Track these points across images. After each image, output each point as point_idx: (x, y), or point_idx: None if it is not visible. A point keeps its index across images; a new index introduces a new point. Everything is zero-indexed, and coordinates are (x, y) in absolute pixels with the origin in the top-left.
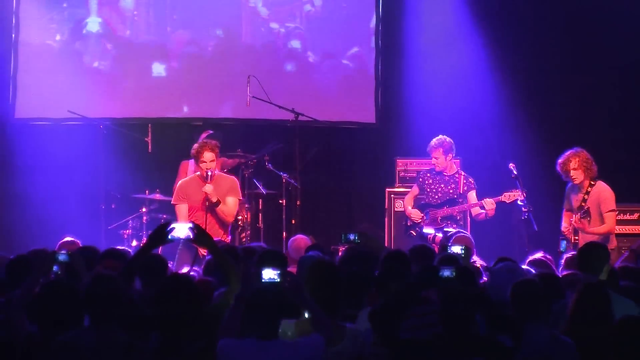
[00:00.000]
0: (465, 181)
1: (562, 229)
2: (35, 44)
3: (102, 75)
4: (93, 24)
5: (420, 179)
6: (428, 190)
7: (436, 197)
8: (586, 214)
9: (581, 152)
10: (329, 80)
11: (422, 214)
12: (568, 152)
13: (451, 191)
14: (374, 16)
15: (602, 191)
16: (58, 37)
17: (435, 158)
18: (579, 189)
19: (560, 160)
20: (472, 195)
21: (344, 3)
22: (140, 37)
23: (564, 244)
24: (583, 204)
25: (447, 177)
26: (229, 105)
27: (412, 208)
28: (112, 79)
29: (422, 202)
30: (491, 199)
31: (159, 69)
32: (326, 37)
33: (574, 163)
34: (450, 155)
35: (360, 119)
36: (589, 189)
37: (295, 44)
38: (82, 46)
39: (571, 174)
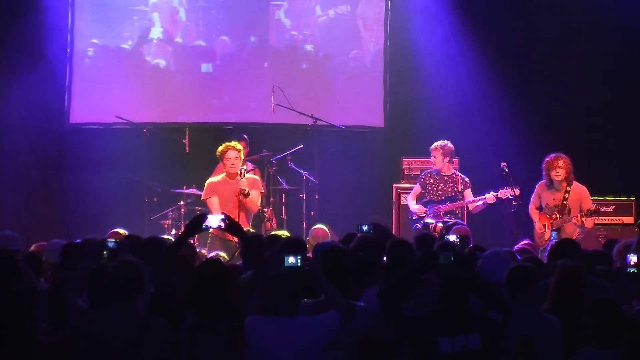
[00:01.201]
0: (461, 181)
1: (538, 229)
2: (87, 56)
3: (156, 76)
4: (156, 32)
5: (422, 179)
6: (430, 189)
7: (437, 194)
8: (568, 212)
9: (566, 156)
10: (343, 89)
11: (426, 209)
12: (556, 154)
13: (450, 190)
14: (383, 32)
15: (582, 190)
16: (129, 43)
17: (434, 157)
18: (555, 188)
19: (548, 159)
20: (469, 193)
21: (358, 19)
22: (191, 41)
23: (554, 234)
24: (564, 202)
25: (445, 177)
26: (256, 111)
27: (415, 205)
28: (165, 79)
29: (426, 199)
30: (491, 195)
31: (206, 67)
32: (341, 47)
33: (561, 162)
34: (447, 158)
35: (371, 123)
36: (568, 188)
37: (310, 48)
38: (146, 50)
39: (556, 171)
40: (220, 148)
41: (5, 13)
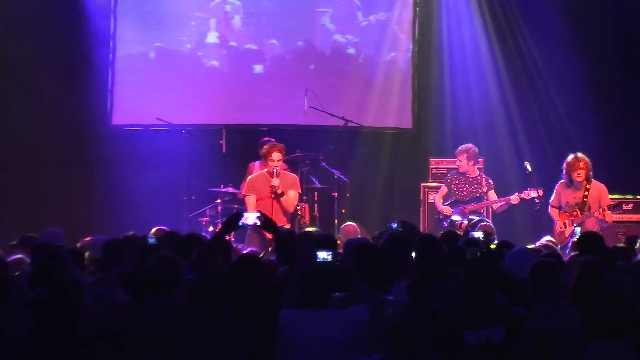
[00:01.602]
0: (486, 182)
1: (558, 227)
2: (128, 61)
3: (209, 78)
4: (212, 36)
5: (448, 180)
6: (455, 190)
7: (463, 194)
8: (589, 208)
9: (585, 157)
10: (376, 91)
11: (452, 209)
12: (575, 155)
13: (475, 190)
14: (411, 39)
15: (601, 188)
16: (187, 47)
17: (460, 161)
18: (575, 187)
19: (569, 161)
20: (492, 194)
21: (395, 24)
22: (245, 44)
23: (577, 230)
24: (585, 199)
25: (470, 179)
26: (292, 113)
27: (442, 205)
28: (219, 80)
29: (452, 199)
30: (515, 196)
31: (258, 68)
32: (377, 52)
33: (582, 163)
34: (472, 161)
35: (399, 125)
36: (588, 186)
37: (352, 51)
38: (204, 53)
39: (577, 173)
40: (265, 148)
41: (53, 22)
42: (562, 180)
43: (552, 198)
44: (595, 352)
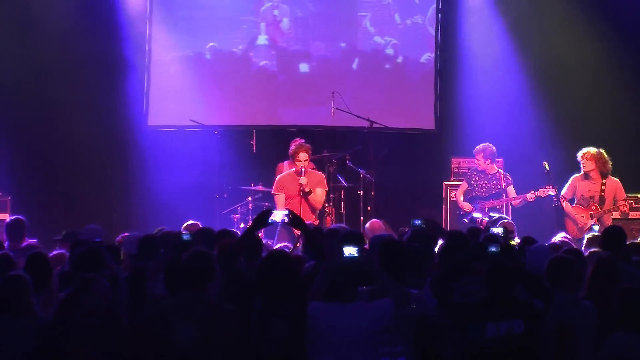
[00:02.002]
0: (504, 178)
1: (579, 220)
2: (162, 65)
3: (259, 78)
4: (262, 38)
5: (468, 176)
6: (475, 186)
7: (482, 191)
8: (604, 202)
9: (598, 151)
10: (400, 94)
11: (472, 206)
12: (586, 148)
13: (493, 187)
14: (434, 43)
15: (617, 183)
16: (239, 47)
17: (477, 160)
18: (590, 182)
19: (580, 152)
20: (511, 189)
21: (428, 26)
22: (292, 46)
23: (596, 228)
24: (602, 193)
25: (489, 175)
26: (317, 115)
27: (463, 201)
28: (267, 79)
29: (472, 195)
30: (532, 194)
31: (304, 67)
32: (409, 54)
33: (588, 155)
34: (489, 160)
35: (423, 126)
36: (604, 181)
37: (390, 52)
38: (255, 54)
39: (583, 163)
40: (293, 148)
41: (91, 28)
42: (578, 174)
43: (564, 190)
44: (614, 344)
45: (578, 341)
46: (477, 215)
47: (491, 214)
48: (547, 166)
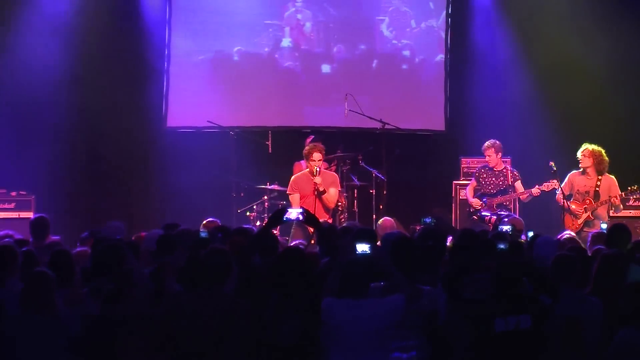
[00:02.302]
0: (511, 174)
1: (576, 212)
2: (181, 69)
3: (284, 78)
4: (286, 41)
5: (477, 174)
6: (483, 183)
7: (490, 188)
8: (598, 197)
9: (597, 148)
10: (411, 95)
11: (481, 202)
12: (587, 145)
13: (501, 183)
14: (444, 47)
15: (612, 180)
16: (265, 50)
17: (489, 156)
18: (587, 177)
19: (580, 148)
20: (519, 185)
21: (441, 30)
22: (314, 49)
23: (604, 226)
24: (597, 189)
25: (497, 172)
26: (331, 116)
27: (472, 198)
28: (291, 79)
29: (480, 192)
30: (536, 188)
31: (326, 68)
32: (424, 56)
33: (586, 152)
34: (499, 154)
35: (433, 127)
36: (600, 177)
37: (407, 53)
38: (280, 56)
39: (580, 159)
40: (307, 148)
41: (115, 35)
42: (576, 170)
43: (562, 186)
44: (624, 339)
45: (585, 336)
46: (486, 213)
47: (499, 212)
48: (554, 166)
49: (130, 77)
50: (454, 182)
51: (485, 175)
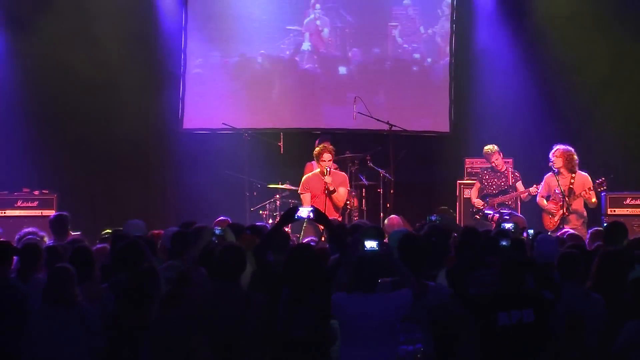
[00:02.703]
0: (512, 175)
1: (555, 215)
2: (197, 73)
3: (302, 80)
4: (306, 45)
5: (480, 176)
6: (486, 184)
7: (492, 188)
8: (573, 193)
9: (566, 148)
10: (419, 98)
11: (483, 202)
12: (566, 148)
13: (502, 183)
14: (449, 52)
15: (584, 177)
16: (286, 53)
17: (496, 159)
18: (561, 177)
19: (564, 153)
20: (520, 185)
21: (437, 37)
22: (332, 52)
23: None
24: (571, 186)
25: (499, 173)
26: (340, 117)
27: (476, 198)
28: (309, 80)
29: (483, 193)
30: (534, 187)
31: (342, 70)
32: (424, 63)
33: (558, 152)
34: (501, 155)
35: (438, 129)
36: (573, 175)
37: (417, 56)
38: (300, 59)
39: (553, 160)
40: (317, 149)
41: (135, 42)
42: (550, 173)
43: (540, 189)
44: (631, 332)
45: (587, 331)
46: (488, 211)
47: (501, 210)
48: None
49: (149, 82)
50: (459, 181)
51: (487, 177)
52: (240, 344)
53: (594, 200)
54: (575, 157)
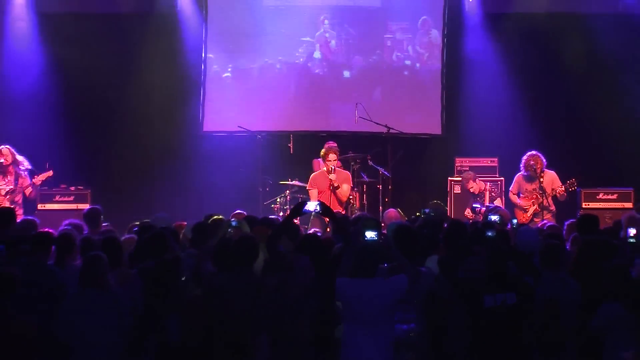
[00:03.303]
0: (490, 196)
1: (523, 205)
2: (216, 80)
3: (314, 84)
4: (317, 54)
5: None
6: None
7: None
8: (544, 191)
9: (537, 154)
10: (411, 104)
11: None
12: (530, 154)
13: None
14: (440, 61)
15: (552, 175)
16: (300, 60)
17: (471, 187)
18: (532, 178)
19: (530, 160)
20: (497, 202)
21: (428, 47)
22: (340, 59)
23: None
24: (541, 184)
25: (477, 197)
26: (344, 121)
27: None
28: (318, 85)
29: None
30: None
31: (346, 74)
32: (416, 70)
33: (539, 161)
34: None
35: (431, 132)
36: (542, 174)
37: (408, 63)
38: (312, 65)
39: (533, 169)
40: (323, 150)
41: (160, 53)
42: (521, 173)
43: (512, 186)
44: (606, 313)
45: (563, 313)
46: (476, 205)
47: (488, 205)
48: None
49: (173, 88)
50: (449, 178)
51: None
52: (253, 324)
53: (565, 195)
54: (533, 161)
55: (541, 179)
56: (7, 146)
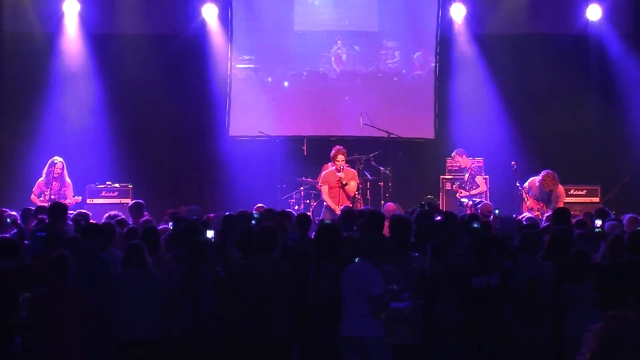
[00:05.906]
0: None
1: (534, 209)
2: (240, 90)
3: (325, 91)
4: (333, 65)
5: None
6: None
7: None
8: (549, 203)
9: (554, 177)
10: (407, 110)
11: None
12: (550, 176)
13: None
14: (434, 77)
15: (562, 191)
16: (320, 70)
17: (457, 161)
18: (545, 194)
19: (547, 181)
20: (479, 178)
21: (422, 60)
22: (347, 69)
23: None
24: (550, 197)
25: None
26: (350, 127)
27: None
28: (330, 91)
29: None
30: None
31: (353, 83)
32: (412, 81)
33: (552, 183)
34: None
35: (425, 136)
36: (552, 189)
37: (404, 71)
38: (328, 72)
39: (551, 189)
40: (333, 152)
41: (192, 67)
42: (538, 185)
43: (526, 185)
44: (565, 292)
45: (541, 292)
46: (464, 200)
47: (474, 199)
48: (514, 165)
49: (204, 99)
50: (441, 177)
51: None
52: (273, 305)
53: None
54: (538, 183)
55: (551, 192)
56: (61, 159)
